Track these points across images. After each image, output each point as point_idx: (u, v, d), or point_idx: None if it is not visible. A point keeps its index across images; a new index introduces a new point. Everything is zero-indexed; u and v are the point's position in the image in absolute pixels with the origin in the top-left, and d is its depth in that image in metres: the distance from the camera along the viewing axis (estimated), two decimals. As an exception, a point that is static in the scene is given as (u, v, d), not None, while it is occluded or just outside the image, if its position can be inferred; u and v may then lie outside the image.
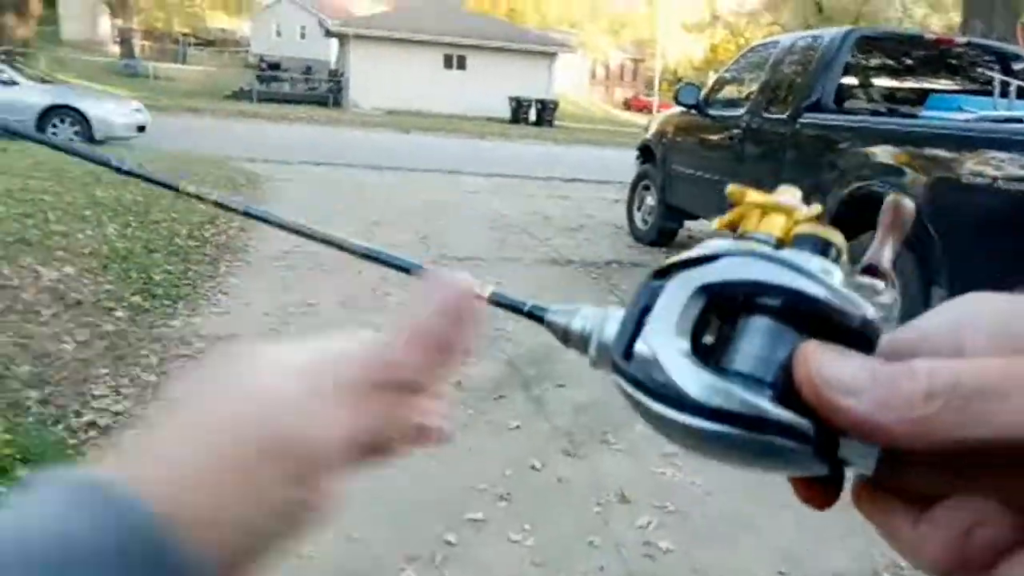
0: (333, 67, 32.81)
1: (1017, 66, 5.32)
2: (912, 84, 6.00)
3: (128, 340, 3.78)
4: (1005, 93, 4.79)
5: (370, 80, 27.40)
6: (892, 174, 4.10)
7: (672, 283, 0.30)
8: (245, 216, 0.42)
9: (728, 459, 0.28)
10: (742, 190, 0.33)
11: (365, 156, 12.62)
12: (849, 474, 0.29)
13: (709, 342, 0.29)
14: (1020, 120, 3.87)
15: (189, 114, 18.32)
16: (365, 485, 1.98)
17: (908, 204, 0.33)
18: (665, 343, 0.28)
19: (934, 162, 3.82)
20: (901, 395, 0.24)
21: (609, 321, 0.33)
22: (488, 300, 0.37)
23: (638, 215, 7.62)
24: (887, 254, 0.32)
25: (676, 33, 45.83)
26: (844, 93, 5.45)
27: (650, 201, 7.39)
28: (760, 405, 0.26)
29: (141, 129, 11.94)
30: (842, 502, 0.30)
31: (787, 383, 0.27)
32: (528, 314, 0.36)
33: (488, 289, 0.37)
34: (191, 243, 5.69)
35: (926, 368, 0.25)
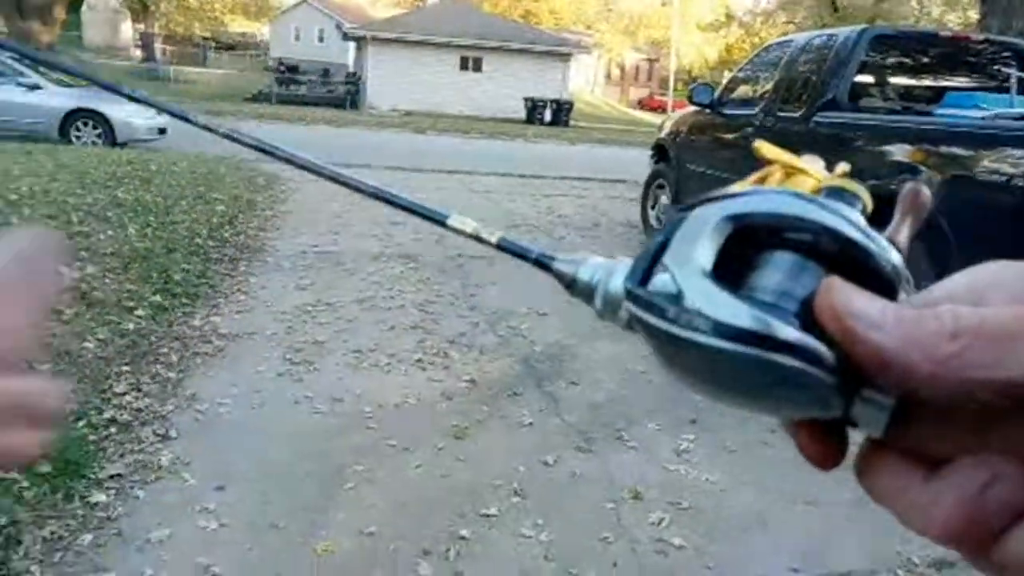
0: (351, 69, 32.98)
1: (1035, 63, 5.26)
2: (928, 82, 5.96)
3: (149, 339, 3.84)
4: (1022, 90, 4.74)
5: (387, 82, 27.52)
6: (908, 172, 4.08)
7: (696, 213, 0.29)
8: (267, 154, 0.43)
9: (743, 387, 0.27)
10: (773, 149, 0.33)
11: (381, 157, 12.68)
12: (854, 444, 0.29)
13: (731, 275, 0.28)
14: (1038, 117, 3.84)
15: (209, 116, 18.44)
16: (380, 481, 2.02)
17: (926, 192, 0.33)
18: (685, 265, 0.28)
19: (950, 160, 3.80)
20: (927, 332, 0.24)
21: (616, 271, 0.32)
22: (495, 246, 0.36)
23: (652, 214, 7.61)
24: (903, 236, 0.32)
25: (691, 33, 45.66)
26: (859, 91, 5.43)
27: (664, 200, 7.38)
28: (781, 325, 0.26)
29: (162, 132, 12.06)
30: (855, 499, 0.30)
31: (810, 316, 0.26)
32: (535, 261, 0.36)
33: (496, 235, 0.36)
34: (210, 243, 5.75)
35: (952, 310, 0.25)
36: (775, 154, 0.34)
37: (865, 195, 0.30)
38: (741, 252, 0.28)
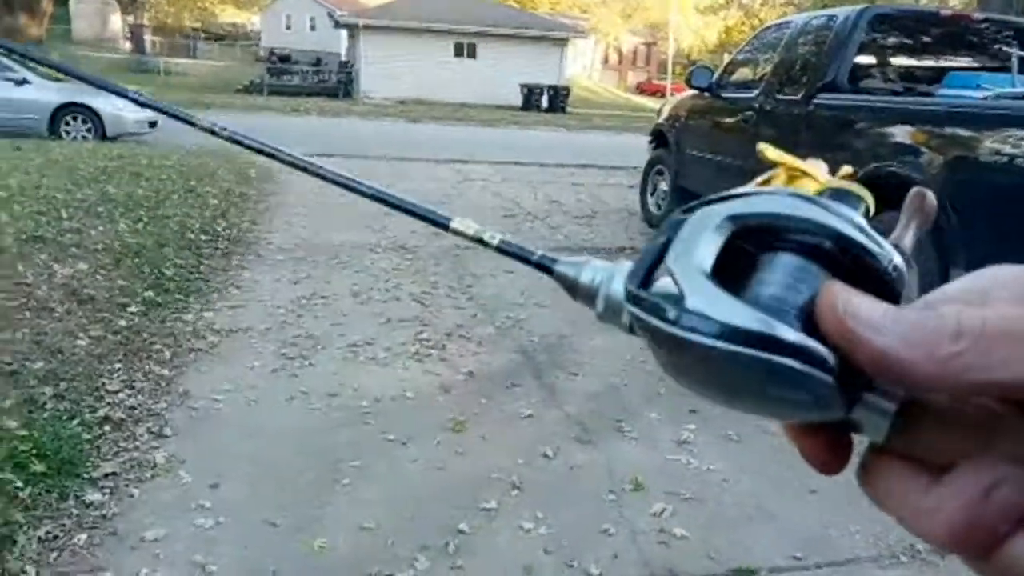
0: (343, 58, 32.78)
1: (1036, 41, 5.21)
2: (929, 62, 5.90)
3: (141, 335, 3.79)
4: None
5: (380, 70, 27.35)
6: (909, 154, 4.03)
7: (697, 215, 0.29)
8: (263, 154, 0.42)
9: (745, 390, 0.27)
10: (776, 151, 0.33)
11: (376, 147, 12.61)
12: (856, 452, 0.28)
13: (733, 277, 0.28)
14: (1039, 96, 3.79)
15: (200, 108, 18.38)
16: (377, 476, 1.98)
17: (932, 196, 0.33)
18: (686, 267, 0.28)
19: (952, 141, 3.75)
20: (929, 333, 0.24)
21: (618, 274, 0.32)
22: (496, 249, 0.36)
23: (651, 200, 7.57)
24: (909, 239, 0.32)
25: (690, 15, 45.43)
26: (859, 73, 5.37)
27: (663, 186, 7.33)
28: (782, 327, 0.26)
29: (152, 125, 11.97)
30: (857, 487, 0.29)
31: (812, 319, 0.26)
32: (537, 264, 0.36)
33: (496, 238, 0.36)
34: (203, 237, 5.70)
35: (954, 310, 0.24)
36: (779, 156, 0.33)
37: (868, 197, 0.30)
38: (743, 254, 0.28)
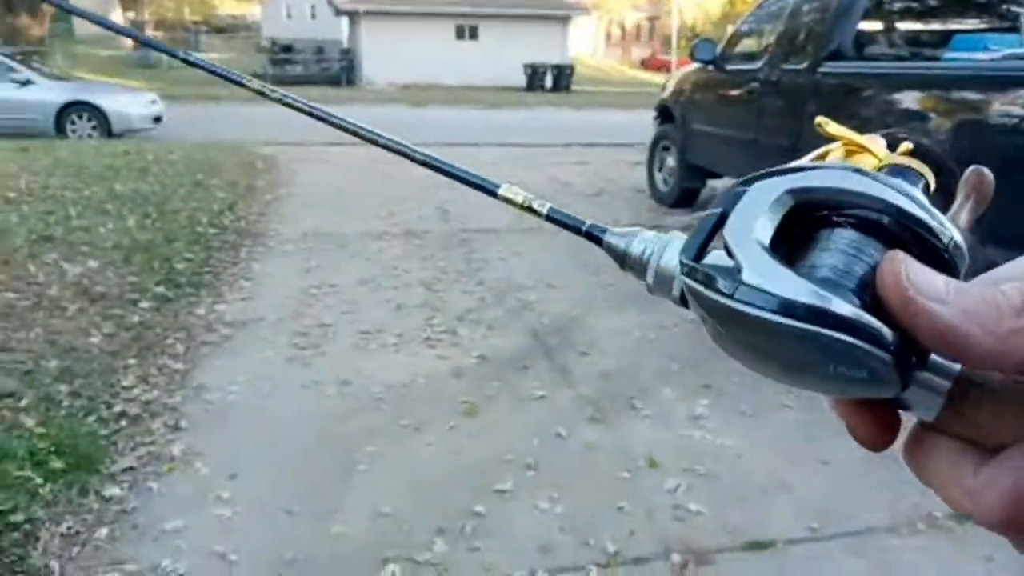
0: (345, 46, 32.66)
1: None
2: (935, 26, 5.81)
3: (154, 330, 3.82)
4: (1032, 28, 4.62)
5: (382, 56, 27.23)
6: (917, 120, 3.98)
7: (755, 187, 0.29)
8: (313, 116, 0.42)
9: (799, 364, 0.27)
10: (836, 126, 0.33)
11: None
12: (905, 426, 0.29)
13: (792, 251, 0.28)
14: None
15: (205, 102, 18.37)
16: (393, 461, 1.99)
17: (990, 175, 0.32)
18: (744, 239, 0.27)
19: (960, 105, 3.71)
20: (991, 307, 0.24)
21: (670, 246, 0.32)
22: (546, 217, 0.36)
23: (659, 176, 7.53)
24: (964, 219, 0.31)
25: (692, -12, 44.92)
26: (864, 39, 5.30)
27: (670, 162, 7.29)
28: (840, 302, 0.25)
29: (157, 120, 12.00)
30: (868, 456, 0.29)
31: (870, 294, 0.26)
32: (586, 234, 0.36)
33: (546, 206, 0.37)
34: (211, 230, 5.72)
35: (1018, 287, 0.24)
36: (838, 131, 0.34)
37: (928, 174, 0.30)
38: (802, 227, 0.28)
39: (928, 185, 0.30)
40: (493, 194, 0.37)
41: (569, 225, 0.36)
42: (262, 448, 2.85)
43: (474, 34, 28.69)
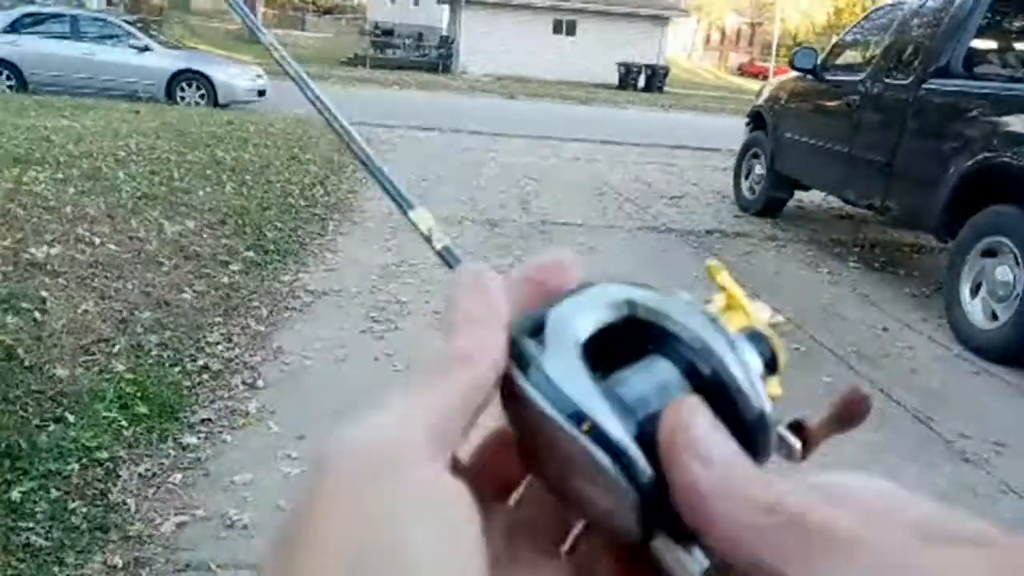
0: (444, 33, 33.07)
1: None
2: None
3: (241, 292, 4.00)
4: None
5: (479, 46, 27.47)
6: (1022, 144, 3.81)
7: (601, 285, 0.29)
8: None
9: (561, 467, 0.26)
10: (727, 277, 0.33)
11: (471, 122, 12.73)
12: None
13: (609, 359, 0.27)
14: None
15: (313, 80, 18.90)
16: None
17: (869, 400, 0.31)
18: (562, 328, 0.27)
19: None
20: (748, 491, 0.22)
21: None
22: (437, 252, 0.34)
23: (745, 184, 7.39)
24: (816, 426, 0.31)
25: (799, -5, 43.64)
26: (975, 57, 5.08)
27: (759, 170, 7.14)
28: (612, 420, 0.25)
29: (261, 94, 12.44)
30: (941, 491, 0.28)
31: (652, 430, 0.25)
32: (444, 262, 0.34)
33: (444, 240, 0.34)
34: (302, 202, 5.92)
35: (786, 487, 0.22)
36: (726, 282, 0.33)
37: (783, 356, 0.30)
38: (633, 345, 0.27)
39: (775, 361, 0.29)
40: (404, 212, 0.35)
41: (451, 265, 0.33)
42: (331, 412, 2.96)
43: (571, 30, 28.62)
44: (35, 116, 7.76)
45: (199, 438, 2.70)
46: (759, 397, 0.26)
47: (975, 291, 4.19)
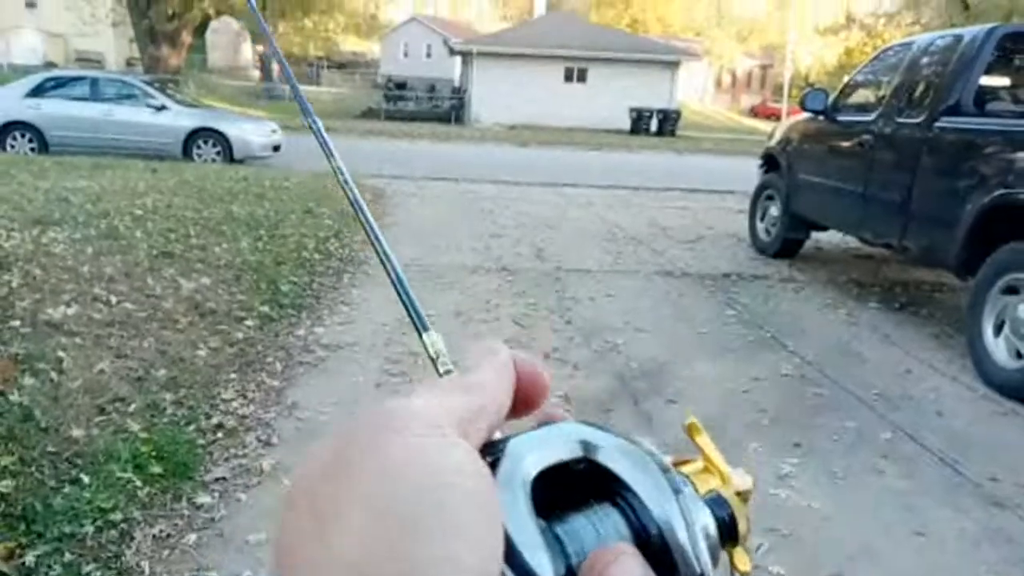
0: (456, 84, 33.66)
1: None
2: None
3: (256, 347, 4.00)
4: None
5: (491, 96, 27.91)
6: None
7: (564, 423, 0.30)
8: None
9: None
10: (706, 439, 0.33)
11: (484, 171, 12.85)
12: None
13: (567, 496, 0.28)
14: None
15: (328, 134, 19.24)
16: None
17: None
18: (515, 462, 0.27)
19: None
20: None
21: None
22: (440, 375, 0.36)
23: (760, 226, 7.37)
24: None
25: (808, 37, 44.09)
26: (986, 95, 5.08)
27: (774, 211, 7.13)
28: (547, 565, 0.25)
29: (276, 149, 12.65)
30: (970, 532, 0.28)
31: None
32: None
33: (447, 366, 0.37)
34: (317, 256, 5.96)
35: None
36: (705, 445, 0.34)
37: (744, 525, 0.31)
38: (592, 486, 0.28)
39: (734, 527, 0.30)
40: (419, 334, 0.37)
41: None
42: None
43: (582, 77, 29.04)
44: (55, 177, 7.92)
45: (213, 497, 2.67)
46: (701, 562, 0.27)
47: (998, 329, 4.12)
